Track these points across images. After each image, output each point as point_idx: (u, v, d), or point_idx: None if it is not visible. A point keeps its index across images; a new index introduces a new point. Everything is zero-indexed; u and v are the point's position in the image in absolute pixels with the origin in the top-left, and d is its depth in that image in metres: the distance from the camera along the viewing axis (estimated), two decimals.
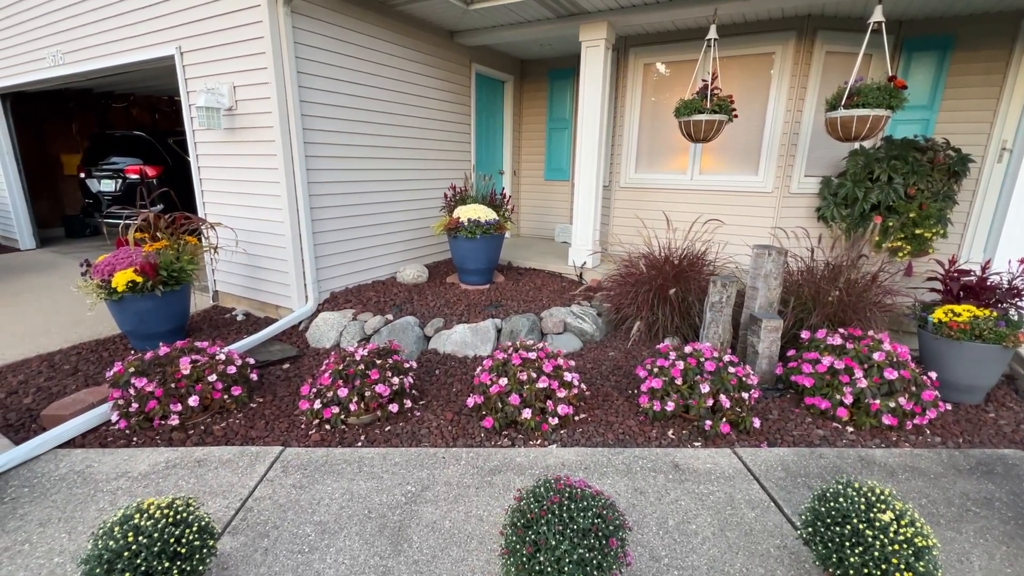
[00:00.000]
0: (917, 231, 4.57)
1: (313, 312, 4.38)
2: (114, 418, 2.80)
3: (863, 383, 2.87)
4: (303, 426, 2.91)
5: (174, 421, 2.79)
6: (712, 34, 4.43)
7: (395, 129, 5.06)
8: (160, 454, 2.61)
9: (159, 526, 1.60)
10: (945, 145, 4.69)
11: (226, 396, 2.97)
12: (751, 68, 5.20)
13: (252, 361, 3.27)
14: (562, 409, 2.83)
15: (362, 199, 4.81)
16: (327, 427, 2.87)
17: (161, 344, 3.06)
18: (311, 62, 4.11)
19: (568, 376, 2.96)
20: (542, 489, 1.72)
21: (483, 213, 4.79)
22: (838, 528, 1.70)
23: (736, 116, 4.56)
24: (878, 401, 2.85)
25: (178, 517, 1.67)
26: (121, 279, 3.49)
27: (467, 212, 4.77)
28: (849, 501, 1.73)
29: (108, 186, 7.10)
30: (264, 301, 4.68)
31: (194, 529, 1.65)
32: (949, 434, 2.90)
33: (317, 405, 2.85)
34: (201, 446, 2.70)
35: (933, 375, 3.01)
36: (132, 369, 2.84)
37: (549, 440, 2.79)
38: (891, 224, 4.63)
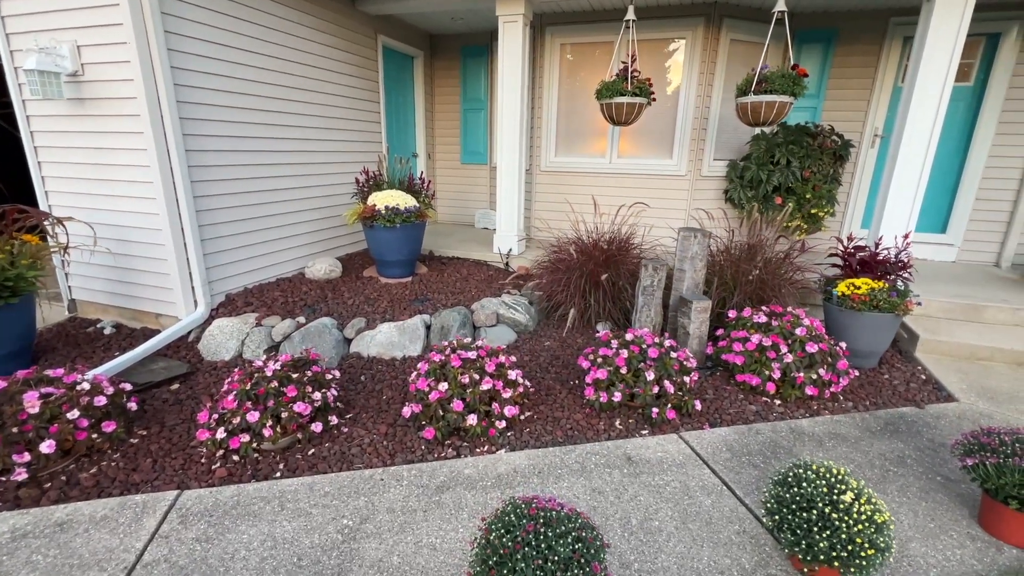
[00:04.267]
0: (812, 211, 4.98)
1: (205, 319, 3.75)
2: None
3: (789, 358, 3.02)
4: (204, 460, 2.42)
5: (21, 475, 2.18)
6: (630, 15, 4.39)
7: (296, 105, 4.45)
8: (3, 521, 2.02)
9: None
10: (831, 131, 5.13)
11: (95, 434, 2.38)
12: (664, 53, 5.29)
13: (128, 386, 2.67)
14: (509, 410, 2.64)
15: (260, 185, 4.17)
16: (235, 458, 2.42)
17: None
18: (184, 21, 3.41)
19: (512, 374, 2.77)
20: (512, 516, 1.51)
21: (402, 200, 4.40)
22: (804, 514, 1.70)
23: (655, 99, 4.60)
24: (802, 374, 3.02)
25: None
26: None
27: (384, 199, 4.35)
28: (812, 486, 1.74)
29: None
30: (140, 309, 3.91)
31: None
32: (858, 398, 3.17)
33: (221, 434, 2.38)
34: (63, 503, 2.13)
35: (843, 345, 3.25)
36: None
37: (497, 445, 2.59)
38: (791, 204, 5.00)
